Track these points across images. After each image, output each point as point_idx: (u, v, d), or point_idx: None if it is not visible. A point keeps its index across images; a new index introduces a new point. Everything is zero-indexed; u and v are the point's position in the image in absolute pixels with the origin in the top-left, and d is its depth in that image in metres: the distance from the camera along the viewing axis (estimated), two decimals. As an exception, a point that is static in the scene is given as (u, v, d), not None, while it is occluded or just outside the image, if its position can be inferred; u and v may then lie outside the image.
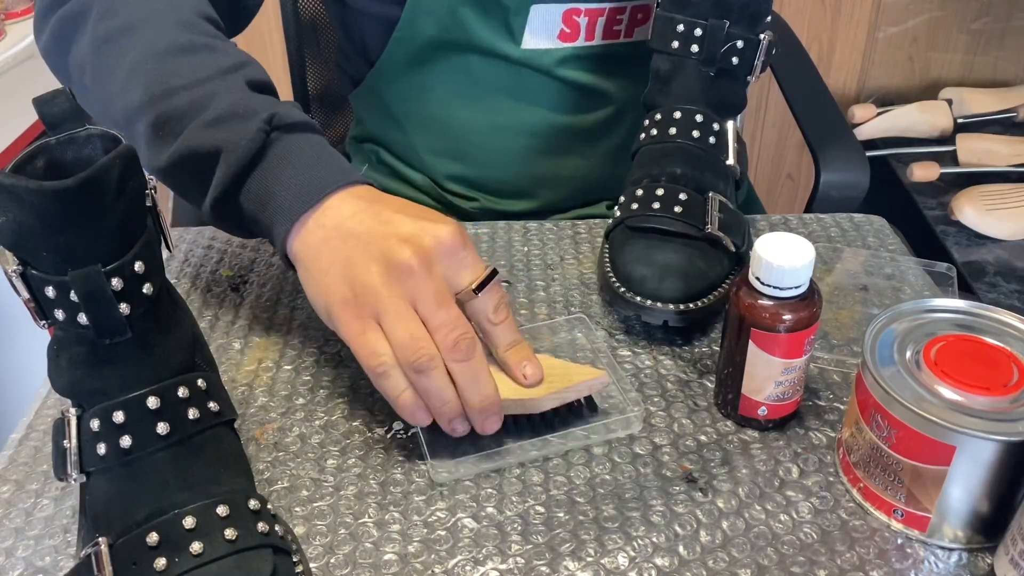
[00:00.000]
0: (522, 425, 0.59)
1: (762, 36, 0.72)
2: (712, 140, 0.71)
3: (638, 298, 0.65)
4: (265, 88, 0.62)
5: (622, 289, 0.66)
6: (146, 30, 0.63)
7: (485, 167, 0.88)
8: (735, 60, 0.71)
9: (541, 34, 0.80)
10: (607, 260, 0.69)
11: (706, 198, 0.68)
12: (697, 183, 0.69)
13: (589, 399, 0.61)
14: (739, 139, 0.73)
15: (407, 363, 0.52)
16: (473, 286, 0.54)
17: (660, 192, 0.68)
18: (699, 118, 0.71)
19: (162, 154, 0.59)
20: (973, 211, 1.36)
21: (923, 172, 1.47)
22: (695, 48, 0.71)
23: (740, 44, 0.70)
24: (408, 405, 0.53)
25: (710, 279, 0.66)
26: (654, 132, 0.72)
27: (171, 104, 0.59)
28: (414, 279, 0.52)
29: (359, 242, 0.53)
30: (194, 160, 0.58)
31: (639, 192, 0.69)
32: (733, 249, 0.68)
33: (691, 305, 0.65)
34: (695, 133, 0.70)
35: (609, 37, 0.82)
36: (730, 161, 0.71)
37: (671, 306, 0.65)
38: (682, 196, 0.67)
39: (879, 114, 1.62)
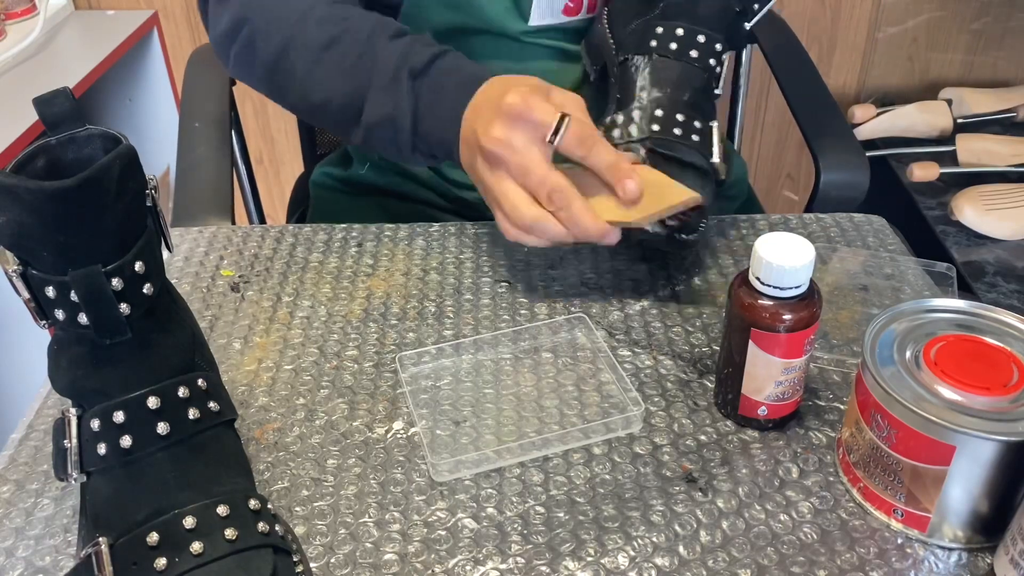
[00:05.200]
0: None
1: None
2: (718, 69, 0.74)
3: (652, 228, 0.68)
4: (400, 31, 0.73)
5: None
6: (296, 42, 0.73)
7: None
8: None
9: (547, 10, 0.82)
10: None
11: (710, 127, 0.71)
12: (704, 113, 0.71)
13: (687, 221, 0.68)
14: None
15: (520, 230, 0.65)
16: (548, 139, 0.63)
17: (680, 118, 0.70)
18: (718, 47, 0.73)
19: (356, 135, 0.73)
20: (973, 211, 1.36)
21: (923, 172, 1.47)
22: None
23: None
24: (547, 246, 0.67)
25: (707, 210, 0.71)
26: (673, 46, 0.73)
27: (341, 93, 0.72)
28: (504, 160, 0.64)
29: (470, 149, 0.67)
30: (378, 130, 0.72)
31: (659, 113, 0.71)
32: (723, 177, 0.71)
33: (691, 237, 0.69)
34: (693, 53, 0.73)
35: None
36: (718, 91, 0.74)
37: (676, 234, 0.68)
38: (696, 124, 0.70)
39: (879, 114, 1.62)
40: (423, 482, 0.57)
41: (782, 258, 0.53)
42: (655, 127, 0.69)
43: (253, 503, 0.50)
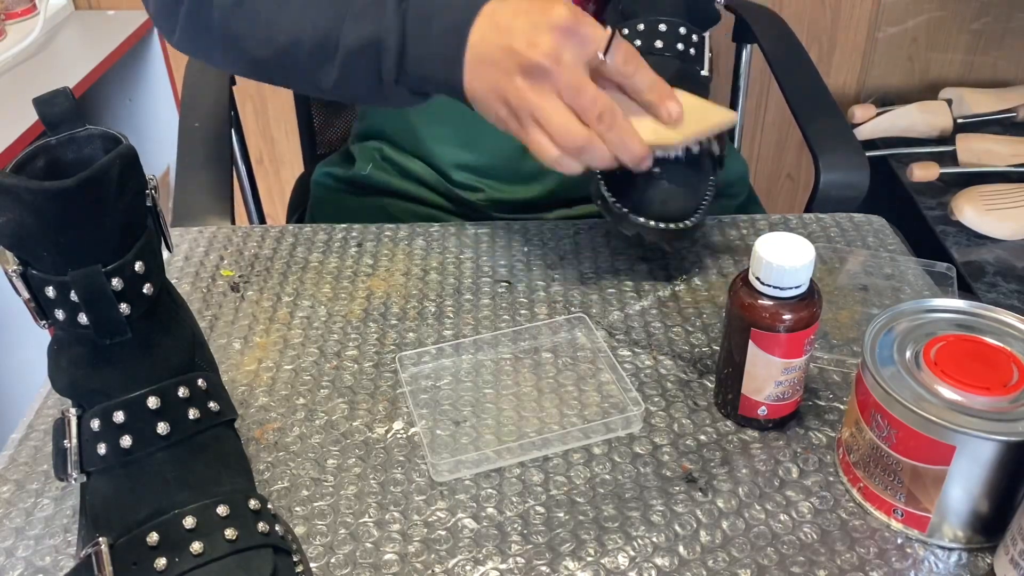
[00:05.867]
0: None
1: None
2: (692, 51, 0.74)
3: (641, 219, 0.69)
4: None
5: (624, 209, 0.69)
6: None
7: (494, 154, 0.88)
8: None
9: None
10: (599, 177, 0.71)
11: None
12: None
13: (717, 151, 0.70)
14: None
15: (567, 149, 0.62)
16: (599, 55, 0.61)
17: None
18: (683, 31, 0.74)
19: (328, 77, 0.67)
20: (973, 211, 1.36)
21: (923, 172, 1.47)
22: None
23: None
24: (577, 173, 0.64)
25: (700, 191, 0.71)
26: (637, 43, 0.73)
27: (313, 26, 0.66)
28: (550, 76, 0.60)
29: (497, 66, 0.62)
30: (357, 60, 0.65)
31: None
32: (717, 152, 0.71)
33: (681, 224, 0.69)
34: (659, 44, 0.73)
35: None
36: (704, 72, 0.74)
37: (666, 224, 0.69)
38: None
39: (879, 114, 1.62)
40: (423, 482, 0.57)
41: (782, 258, 0.53)
42: None
43: (253, 503, 0.50)
